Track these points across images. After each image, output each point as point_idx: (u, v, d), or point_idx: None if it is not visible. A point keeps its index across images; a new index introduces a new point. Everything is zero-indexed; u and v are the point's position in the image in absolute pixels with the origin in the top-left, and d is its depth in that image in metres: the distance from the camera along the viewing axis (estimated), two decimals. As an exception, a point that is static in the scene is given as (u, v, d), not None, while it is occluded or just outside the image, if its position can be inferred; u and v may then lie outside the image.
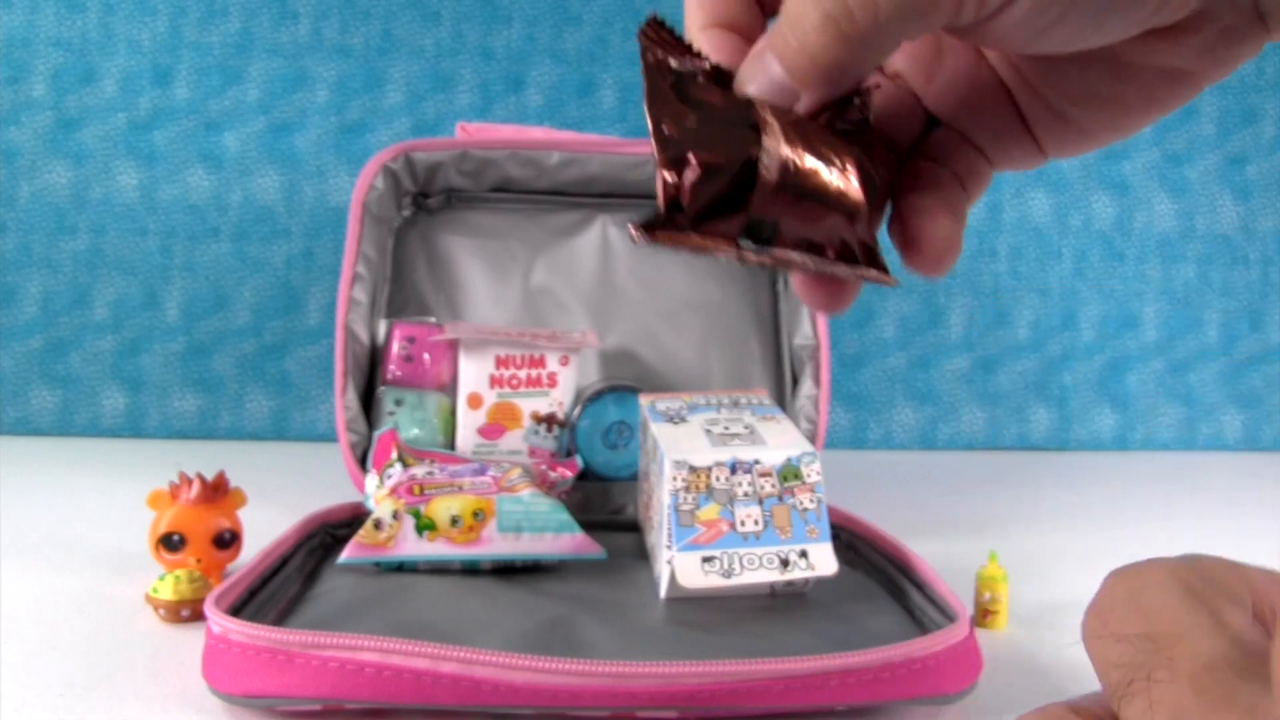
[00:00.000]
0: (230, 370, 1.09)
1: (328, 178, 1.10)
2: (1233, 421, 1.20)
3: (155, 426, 1.09)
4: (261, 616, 0.48)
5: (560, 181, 0.80)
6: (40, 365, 1.08)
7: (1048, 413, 1.18)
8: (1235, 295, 1.21)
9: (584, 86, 1.13)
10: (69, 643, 0.51)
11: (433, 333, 0.75)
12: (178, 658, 0.49)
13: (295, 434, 1.09)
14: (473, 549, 0.57)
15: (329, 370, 1.08)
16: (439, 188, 0.80)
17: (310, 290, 1.10)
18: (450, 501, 0.58)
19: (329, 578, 0.56)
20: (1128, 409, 1.19)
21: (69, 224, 1.09)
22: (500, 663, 0.41)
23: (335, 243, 1.08)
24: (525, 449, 0.73)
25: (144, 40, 1.09)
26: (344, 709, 0.43)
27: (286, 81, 1.10)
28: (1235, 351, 1.21)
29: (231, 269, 1.10)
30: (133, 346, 1.09)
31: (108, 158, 1.09)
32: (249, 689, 0.42)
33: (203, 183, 1.10)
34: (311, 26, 1.11)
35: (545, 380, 0.73)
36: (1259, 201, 1.21)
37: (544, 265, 0.81)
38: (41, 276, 1.08)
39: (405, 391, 0.73)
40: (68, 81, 1.09)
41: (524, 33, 1.13)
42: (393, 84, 1.11)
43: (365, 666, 0.41)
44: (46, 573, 0.62)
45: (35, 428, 1.07)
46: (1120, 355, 1.20)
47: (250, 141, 1.10)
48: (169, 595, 0.54)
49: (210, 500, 0.59)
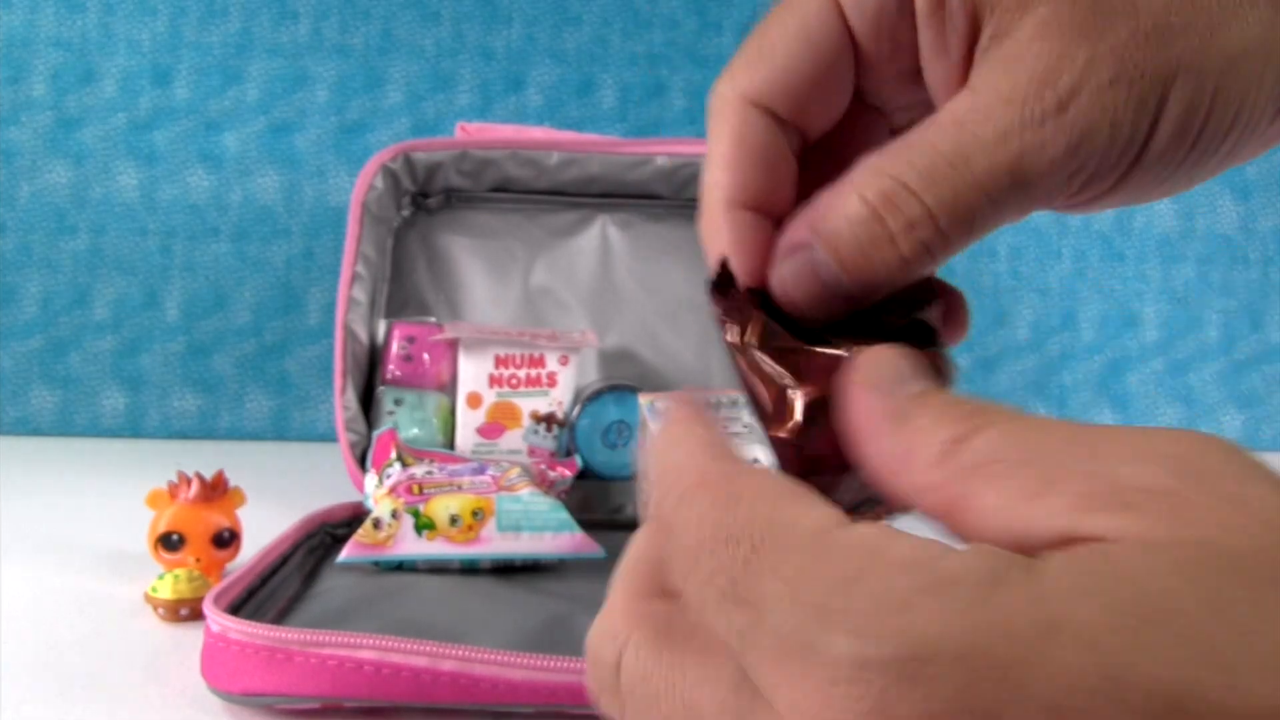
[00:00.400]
0: (230, 370, 1.09)
1: (328, 178, 1.10)
2: (1233, 421, 1.20)
3: (155, 426, 1.09)
4: (260, 615, 0.48)
5: (560, 181, 0.80)
6: (40, 365, 1.08)
7: (1048, 412, 1.18)
8: (1235, 295, 1.21)
9: (584, 86, 1.13)
10: (68, 642, 0.51)
11: (432, 332, 0.75)
12: (177, 657, 0.49)
13: (295, 434, 1.09)
14: (472, 548, 0.57)
15: (329, 370, 1.08)
16: (439, 188, 0.80)
17: (310, 290, 1.10)
18: (449, 501, 0.58)
19: (328, 577, 0.56)
20: (1128, 409, 1.19)
21: (69, 224, 1.09)
22: (499, 661, 0.41)
23: (335, 243, 1.08)
24: (525, 448, 0.73)
25: (144, 40, 1.09)
26: (343, 707, 0.43)
27: (286, 81, 1.10)
28: (1235, 351, 1.21)
29: (231, 269, 1.10)
30: (133, 346, 1.09)
31: (108, 158, 1.09)
32: (248, 687, 0.42)
33: (203, 183, 1.10)
34: (311, 26, 1.11)
35: (545, 380, 0.73)
36: (1259, 201, 1.21)
37: (544, 265, 0.81)
38: (41, 276, 1.08)
39: (405, 391, 0.73)
40: (68, 81, 1.09)
41: (524, 33, 1.13)
42: (393, 84, 1.11)
43: (364, 665, 0.41)
44: (46, 572, 0.62)
45: (35, 428, 1.07)
46: (1120, 355, 1.20)
47: (250, 141, 1.10)
48: (168, 594, 0.54)
49: (209, 499, 0.59)
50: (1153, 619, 0.13)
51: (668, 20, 1.14)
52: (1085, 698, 0.13)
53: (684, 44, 1.14)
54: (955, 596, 0.14)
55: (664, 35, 1.14)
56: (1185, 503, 0.15)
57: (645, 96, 1.13)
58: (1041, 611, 0.14)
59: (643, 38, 1.14)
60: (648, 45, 1.14)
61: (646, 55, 1.14)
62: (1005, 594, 0.14)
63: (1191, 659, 0.13)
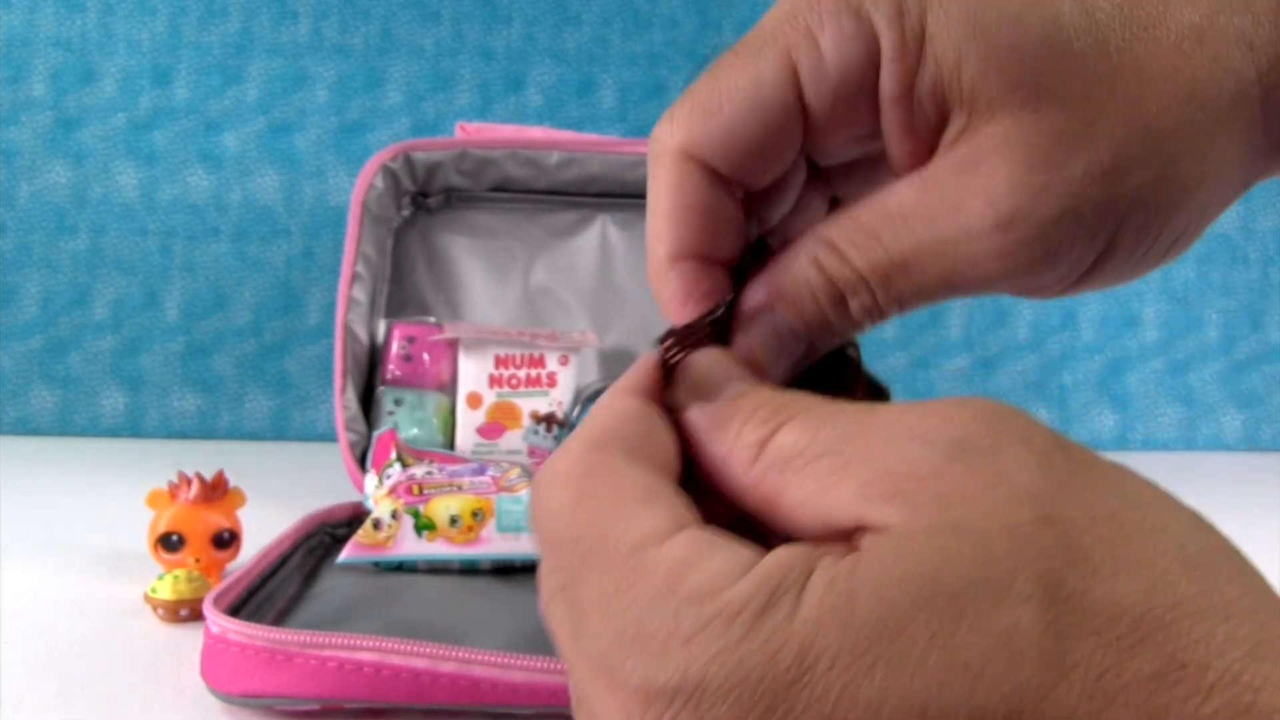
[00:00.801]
0: (230, 370, 1.09)
1: (327, 177, 1.10)
2: (1233, 421, 1.20)
3: (155, 426, 1.09)
4: (260, 616, 0.48)
5: (560, 181, 0.80)
6: (40, 365, 1.08)
7: (1047, 412, 1.18)
8: (1235, 295, 1.21)
9: (584, 86, 1.13)
10: (68, 643, 0.51)
11: (432, 332, 0.75)
12: (176, 657, 0.49)
13: (295, 434, 1.09)
14: (472, 549, 0.57)
15: (328, 370, 1.08)
16: (438, 187, 0.80)
17: (310, 290, 1.10)
18: (449, 501, 0.58)
19: (328, 577, 0.56)
20: (1127, 409, 1.19)
21: (69, 224, 1.09)
22: (499, 662, 0.41)
23: (335, 242, 1.08)
24: (525, 449, 0.73)
25: (144, 40, 1.09)
26: (342, 709, 0.43)
27: (286, 81, 1.10)
28: (1235, 351, 1.21)
29: (231, 269, 1.10)
30: (132, 346, 1.09)
31: (107, 157, 1.09)
32: (247, 688, 0.42)
33: (202, 183, 1.10)
34: (311, 26, 1.11)
35: (545, 380, 0.73)
36: (1259, 201, 1.21)
37: (544, 265, 0.81)
38: (41, 276, 1.08)
39: (404, 391, 0.73)
40: (67, 81, 1.09)
41: (524, 33, 1.13)
42: (392, 84, 1.11)
43: (364, 666, 0.41)
44: (46, 573, 0.62)
45: (35, 428, 1.07)
46: (1120, 355, 1.19)
47: (250, 141, 1.10)
48: (168, 595, 0.54)
49: (209, 500, 0.59)
50: (885, 638, 0.15)
51: (668, 20, 1.14)
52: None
53: (684, 44, 1.14)
54: (732, 629, 0.16)
55: (664, 35, 1.14)
56: (950, 487, 0.16)
57: (645, 96, 1.13)
58: (800, 639, 0.15)
59: (643, 38, 1.14)
60: (648, 45, 1.14)
61: (646, 55, 1.14)
62: (772, 622, 0.16)
63: (920, 676, 0.15)
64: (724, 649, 0.15)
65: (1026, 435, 0.17)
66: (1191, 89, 0.21)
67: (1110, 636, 0.15)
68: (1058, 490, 0.16)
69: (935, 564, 0.15)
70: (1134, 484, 0.17)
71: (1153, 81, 0.21)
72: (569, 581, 0.18)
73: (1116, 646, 0.15)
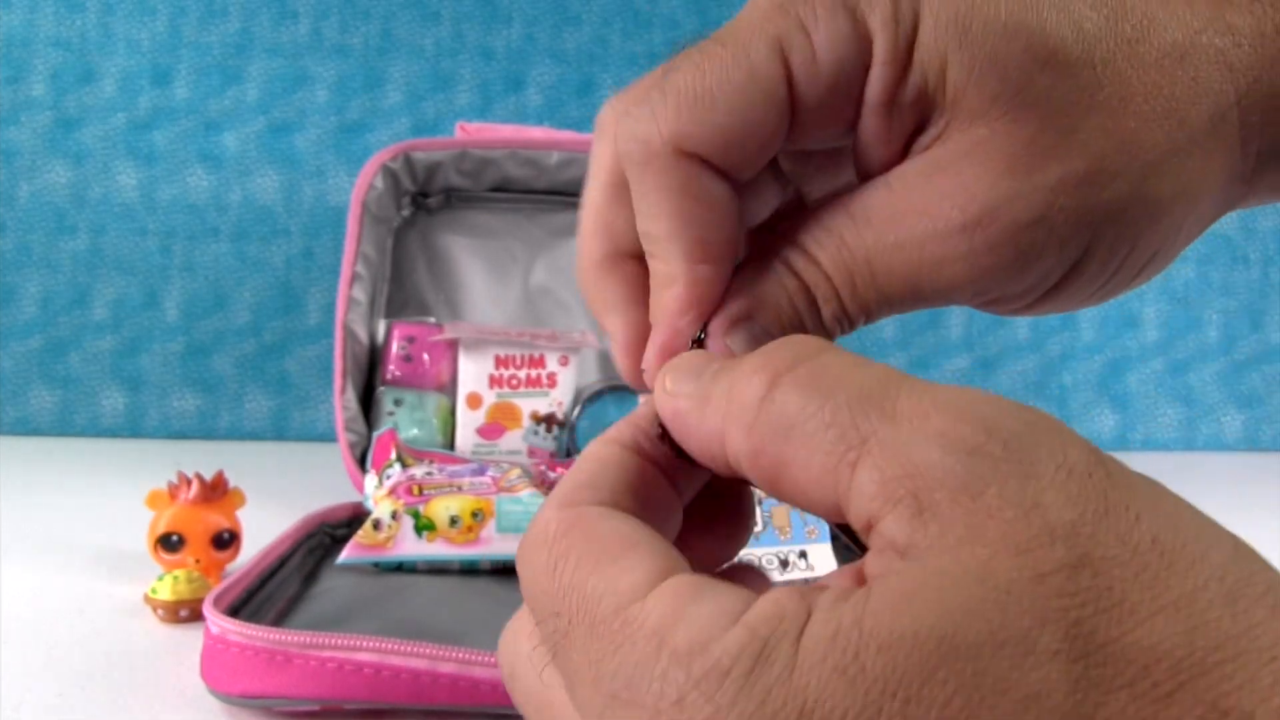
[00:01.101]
0: (230, 370, 1.09)
1: (327, 177, 1.10)
2: (1233, 421, 1.20)
3: (155, 426, 1.09)
4: (260, 617, 0.48)
5: (560, 181, 0.80)
6: (40, 365, 1.08)
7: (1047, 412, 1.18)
8: (1235, 295, 1.21)
9: (584, 86, 1.13)
10: (68, 643, 0.50)
11: (432, 333, 0.75)
12: (176, 658, 0.49)
13: (294, 434, 1.09)
14: (472, 549, 0.57)
15: (328, 370, 1.08)
16: (438, 187, 0.80)
17: (310, 290, 1.10)
18: (449, 502, 0.58)
19: (328, 578, 0.56)
20: (1127, 409, 1.19)
21: (69, 224, 1.09)
22: (499, 664, 0.41)
23: (335, 242, 1.08)
24: (524, 449, 0.73)
25: (143, 40, 1.09)
26: (342, 709, 0.43)
27: (286, 81, 1.10)
28: (1235, 351, 1.21)
29: (231, 269, 1.10)
30: (132, 346, 1.09)
31: (107, 157, 1.09)
32: (247, 689, 0.42)
33: (202, 183, 1.10)
34: (311, 26, 1.11)
35: (545, 380, 0.73)
36: (1259, 201, 1.21)
37: (544, 265, 0.81)
38: (41, 276, 1.08)
39: (404, 391, 0.73)
40: (67, 81, 1.09)
41: (524, 33, 1.13)
42: (392, 84, 1.11)
43: (364, 667, 0.41)
44: (46, 573, 0.62)
45: (35, 428, 1.07)
46: (1120, 355, 1.19)
47: (250, 141, 1.10)
48: (168, 595, 0.54)
49: (209, 500, 0.59)
50: (898, 700, 0.14)
51: (668, 20, 1.14)
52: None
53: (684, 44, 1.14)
54: (724, 688, 0.15)
55: (664, 35, 1.14)
56: (980, 515, 0.15)
57: (645, 96, 1.13)
58: (801, 698, 0.14)
59: (643, 38, 1.14)
60: (648, 45, 1.14)
61: (646, 55, 1.14)
62: (767, 678, 0.15)
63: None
64: (716, 711, 0.15)
65: (1064, 453, 0.16)
66: (1171, 107, 0.21)
67: (1145, 686, 0.14)
68: (1096, 523, 0.15)
69: (956, 617, 0.14)
70: (1172, 505, 0.16)
71: (1133, 97, 0.21)
72: (557, 648, 0.18)
73: (1152, 695, 0.14)
